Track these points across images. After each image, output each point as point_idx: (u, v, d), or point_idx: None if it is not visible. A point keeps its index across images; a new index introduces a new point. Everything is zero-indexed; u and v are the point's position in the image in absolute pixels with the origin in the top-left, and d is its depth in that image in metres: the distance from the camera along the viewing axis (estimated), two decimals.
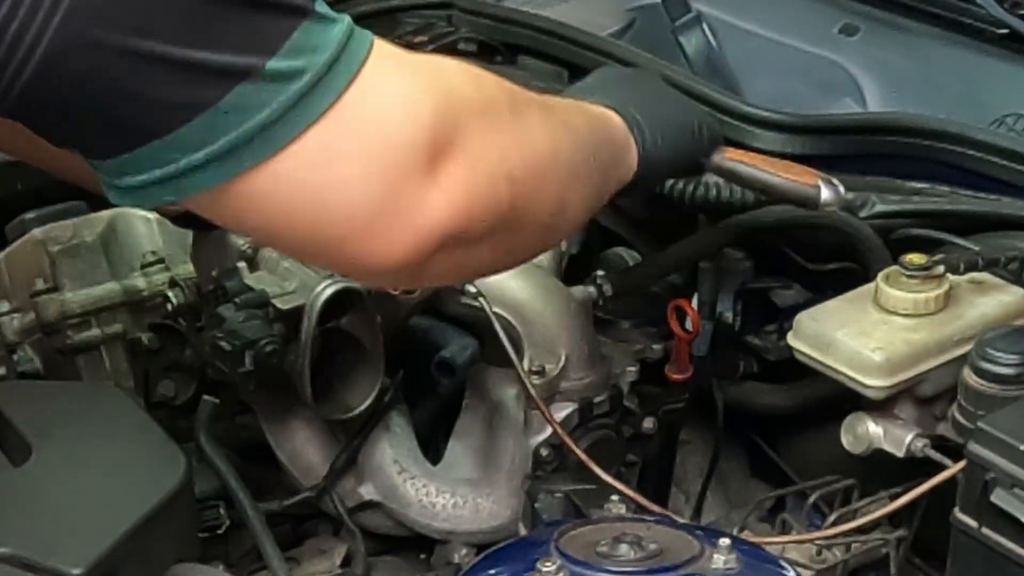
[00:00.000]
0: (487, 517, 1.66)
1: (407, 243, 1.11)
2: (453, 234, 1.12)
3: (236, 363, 1.57)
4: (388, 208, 1.09)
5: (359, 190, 1.08)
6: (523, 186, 1.18)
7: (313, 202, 1.08)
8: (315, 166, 1.07)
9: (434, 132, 1.10)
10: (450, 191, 1.11)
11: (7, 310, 1.80)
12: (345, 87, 1.08)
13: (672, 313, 1.65)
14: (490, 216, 1.16)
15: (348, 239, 1.10)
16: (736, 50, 2.05)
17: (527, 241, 1.27)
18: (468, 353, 1.66)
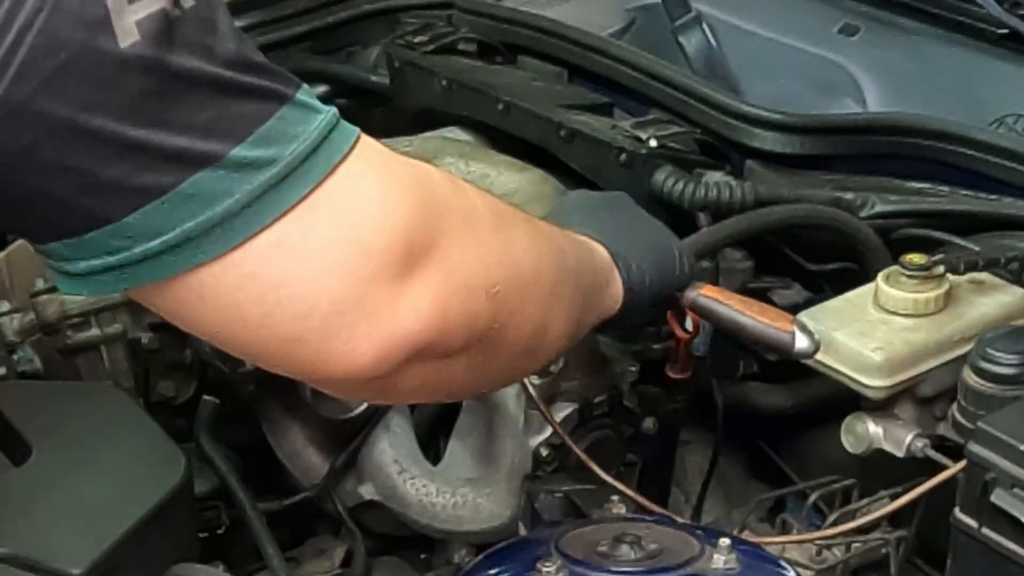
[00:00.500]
0: (487, 517, 1.66)
1: (371, 349, 1.03)
2: (424, 345, 1.06)
3: (236, 363, 1.57)
4: (349, 310, 1.02)
5: (319, 287, 1.01)
6: (504, 302, 1.13)
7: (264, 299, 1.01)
8: (274, 261, 1.00)
9: (410, 238, 1.04)
10: (423, 300, 1.05)
11: (7, 310, 1.80)
12: (319, 182, 1.01)
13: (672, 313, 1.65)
14: (467, 329, 1.09)
15: (303, 340, 1.03)
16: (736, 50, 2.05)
17: (505, 362, 1.20)
18: None
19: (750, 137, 1.76)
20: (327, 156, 1.01)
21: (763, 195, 1.69)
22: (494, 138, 1.94)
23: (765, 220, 1.66)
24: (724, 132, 1.78)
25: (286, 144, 0.99)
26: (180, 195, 0.97)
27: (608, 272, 1.36)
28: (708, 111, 1.80)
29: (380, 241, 1.02)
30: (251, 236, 0.99)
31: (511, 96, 1.89)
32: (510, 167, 1.86)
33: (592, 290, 1.33)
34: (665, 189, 1.72)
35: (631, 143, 1.77)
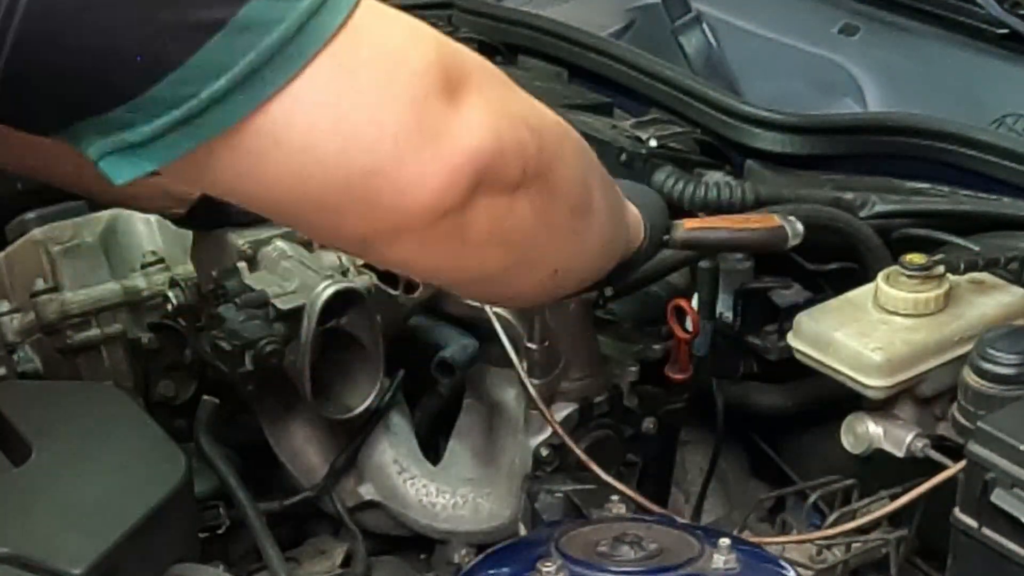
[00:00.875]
0: (487, 517, 1.66)
1: (441, 170, 1.04)
2: (485, 164, 1.06)
3: (236, 363, 1.57)
4: (414, 130, 1.02)
5: (381, 112, 1.01)
6: (545, 140, 1.14)
7: (338, 128, 1.00)
8: (335, 88, 1.00)
9: (442, 66, 1.05)
10: (474, 120, 1.06)
11: (7, 310, 1.80)
12: (353, 7, 1.01)
13: (672, 313, 1.65)
14: (519, 156, 1.10)
15: (380, 170, 1.02)
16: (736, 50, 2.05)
17: (563, 215, 1.20)
18: (468, 353, 1.66)
19: (750, 137, 1.76)
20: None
21: (763, 195, 1.69)
22: None
23: None
24: (724, 132, 1.79)
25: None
26: (236, 26, 0.96)
27: (623, 196, 1.38)
28: (708, 111, 1.80)
29: (421, 63, 1.03)
30: (310, 59, 0.98)
31: None
32: None
33: (617, 198, 1.34)
34: (665, 189, 1.72)
35: (631, 143, 1.77)
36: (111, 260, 1.81)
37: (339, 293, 1.56)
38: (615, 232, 1.34)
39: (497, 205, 1.10)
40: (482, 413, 1.69)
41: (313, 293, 1.57)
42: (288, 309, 1.58)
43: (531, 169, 1.12)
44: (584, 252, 1.31)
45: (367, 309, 1.59)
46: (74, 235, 1.81)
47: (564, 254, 1.28)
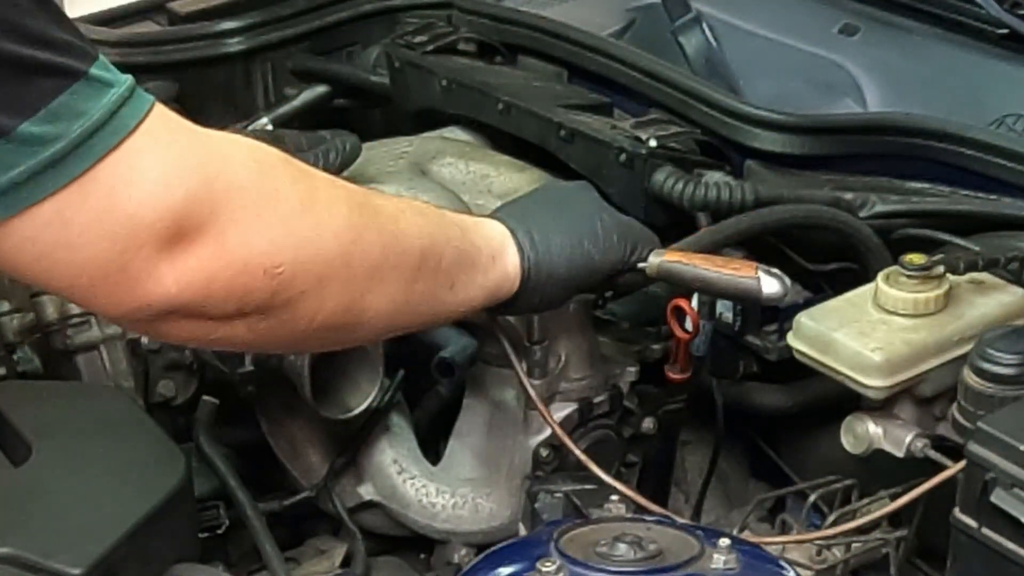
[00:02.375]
0: (487, 517, 1.66)
1: (129, 306, 1.14)
2: (181, 307, 1.15)
3: (236, 363, 1.57)
4: (113, 275, 1.12)
5: (88, 256, 1.10)
6: (291, 281, 1.19)
7: (43, 261, 1.11)
8: (51, 230, 1.09)
9: (181, 214, 1.12)
10: (185, 270, 1.13)
11: (7, 310, 1.79)
12: (100, 158, 1.08)
13: (672, 313, 1.65)
14: (236, 301, 1.17)
15: (75, 294, 1.16)
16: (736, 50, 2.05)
17: (305, 332, 1.25)
18: (468, 353, 1.66)
19: (750, 137, 1.76)
20: (111, 133, 1.09)
21: (763, 195, 1.69)
22: (494, 138, 1.94)
23: (765, 220, 1.66)
24: (724, 132, 1.78)
25: (73, 120, 1.07)
26: None
27: (497, 248, 1.40)
28: (708, 111, 1.80)
29: (149, 216, 1.11)
30: (32, 206, 1.07)
31: (511, 96, 1.89)
32: (510, 167, 1.86)
33: (458, 269, 1.36)
34: (665, 189, 1.72)
35: (631, 143, 1.77)
36: None
37: None
38: (411, 319, 1.36)
39: (197, 326, 1.18)
40: (482, 413, 1.69)
41: None
42: None
43: (253, 307, 1.18)
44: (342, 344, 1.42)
45: None
46: None
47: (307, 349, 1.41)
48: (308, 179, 1.24)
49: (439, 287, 1.35)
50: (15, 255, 1.10)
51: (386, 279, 1.29)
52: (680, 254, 1.52)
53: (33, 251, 1.10)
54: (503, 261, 1.41)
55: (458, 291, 1.37)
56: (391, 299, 1.30)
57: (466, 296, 1.38)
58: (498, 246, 1.41)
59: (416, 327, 1.42)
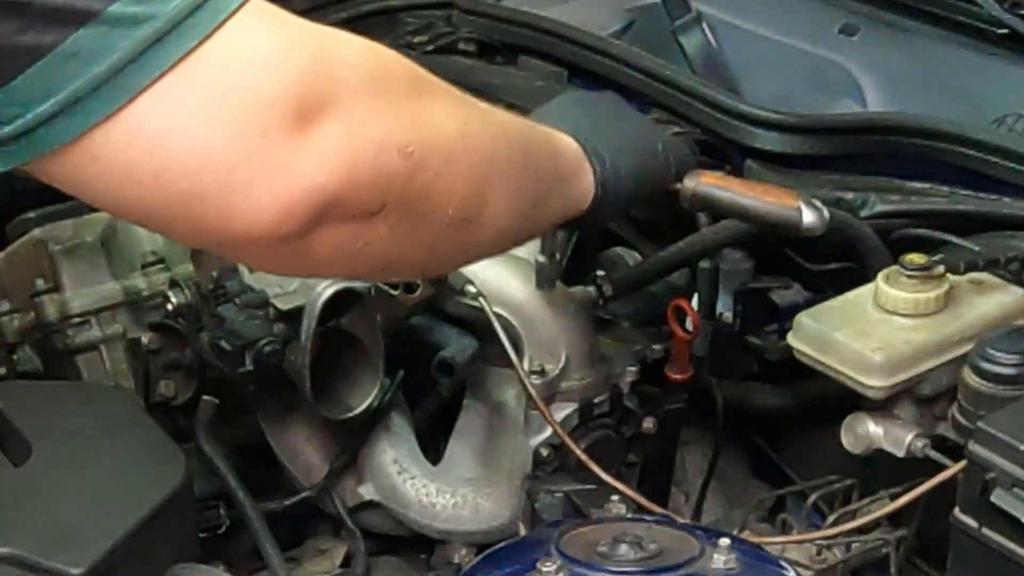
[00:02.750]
0: (487, 517, 1.66)
1: (273, 203, 1.03)
2: (330, 199, 1.05)
3: (236, 363, 1.57)
4: (243, 164, 1.02)
5: (209, 141, 1.01)
6: (424, 162, 1.11)
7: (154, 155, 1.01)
8: (164, 117, 1.01)
9: (301, 90, 1.03)
10: (325, 152, 1.04)
11: (7, 310, 1.80)
12: (206, 36, 1.01)
13: (672, 313, 1.65)
14: (380, 188, 1.08)
15: (200, 196, 1.03)
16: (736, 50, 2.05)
17: (438, 232, 1.18)
18: (468, 353, 1.66)
19: (750, 137, 1.76)
20: (213, 11, 1.01)
21: None
22: None
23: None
24: (724, 132, 1.78)
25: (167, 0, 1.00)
26: (63, 54, 0.98)
27: (576, 163, 1.37)
28: (708, 111, 1.80)
29: (269, 94, 1.02)
30: (138, 92, 0.99)
31: (511, 96, 1.88)
32: None
33: (552, 177, 1.33)
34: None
35: None
36: (111, 260, 1.81)
37: (339, 293, 1.56)
38: (529, 218, 1.32)
39: (345, 232, 1.09)
40: (482, 413, 1.69)
41: (313, 293, 1.57)
42: (288, 309, 1.58)
43: (395, 196, 1.10)
44: (470, 251, 1.32)
45: (367, 309, 1.59)
46: (74, 235, 1.81)
47: (440, 258, 1.28)
48: (415, 66, 1.16)
49: (539, 189, 1.31)
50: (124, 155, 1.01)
51: (499, 169, 1.22)
52: (718, 177, 1.50)
53: (144, 145, 1.01)
54: (580, 177, 1.37)
55: (552, 199, 1.33)
56: (506, 193, 1.23)
57: (556, 206, 1.34)
58: (576, 160, 1.37)
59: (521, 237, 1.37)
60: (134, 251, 1.82)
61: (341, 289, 1.56)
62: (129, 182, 1.03)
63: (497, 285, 1.63)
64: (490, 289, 1.61)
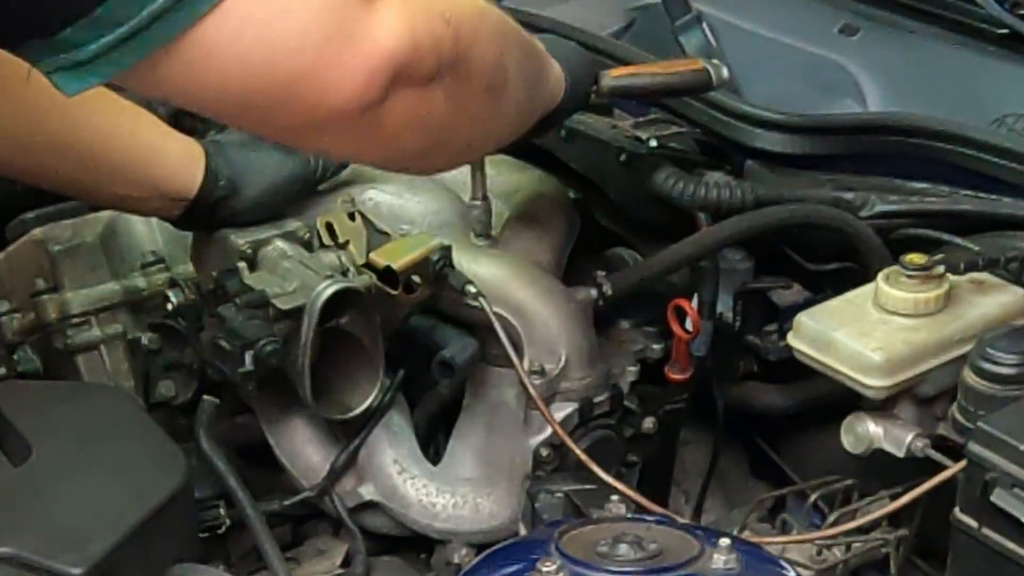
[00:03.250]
0: (487, 517, 1.66)
1: (360, 71, 1.12)
2: (402, 62, 1.14)
3: (236, 363, 1.57)
4: (335, 35, 1.10)
5: (305, 19, 1.09)
6: (460, 30, 1.21)
7: (265, 38, 1.09)
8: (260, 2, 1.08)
9: None
10: (390, 19, 1.13)
11: (7, 310, 1.80)
12: None
13: (672, 313, 1.65)
14: (434, 51, 1.18)
15: (303, 75, 1.11)
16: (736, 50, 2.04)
17: (478, 98, 1.30)
18: (468, 353, 1.66)
19: (750, 137, 1.76)
20: None
21: (763, 195, 1.69)
22: None
23: (765, 220, 1.66)
24: (724, 132, 1.78)
25: None
26: None
27: (546, 57, 1.46)
28: (708, 111, 1.80)
29: None
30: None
31: None
32: (510, 167, 1.86)
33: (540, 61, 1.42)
34: (665, 189, 1.72)
35: (631, 143, 1.77)
36: (111, 260, 1.81)
37: (339, 293, 1.56)
38: (531, 99, 1.42)
39: (413, 97, 1.18)
40: (482, 413, 1.69)
41: (313, 293, 1.57)
42: (288, 309, 1.58)
43: (446, 60, 1.20)
44: (498, 125, 1.43)
45: (367, 309, 1.59)
46: (74, 235, 1.81)
47: (479, 130, 1.39)
48: None
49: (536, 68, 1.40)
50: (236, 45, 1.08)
51: (511, 42, 1.34)
52: (624, 69, 1.64)
53: (253, 32, 1.08)
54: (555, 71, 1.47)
55: (541, 83, 1.43)
56: (517, 66, 1.34)
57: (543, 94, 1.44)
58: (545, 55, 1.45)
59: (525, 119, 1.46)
60: (134, 251, 1.82)
61: (341, 289, 1.56)
62: (240, 72, 1.10)
63: (497, 285, 1.63)
64: (490, 289, 1.61)
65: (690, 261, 1.70)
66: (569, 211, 1.82)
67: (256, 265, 1.67)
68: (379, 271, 1.63)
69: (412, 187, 1.78)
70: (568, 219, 1.81)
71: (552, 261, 1.75)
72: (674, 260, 1.70)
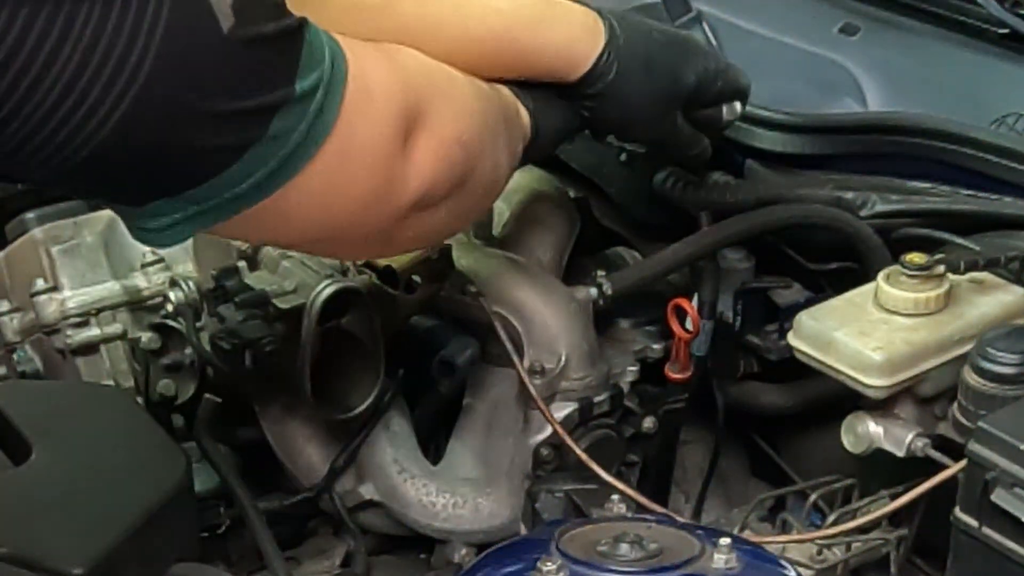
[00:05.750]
0: (487, 517, 1.66)
1: (391, 212, 1.20)
2: (420, 198, 1.21)
3: (236, 363, 1.57)
4: (382, 187, 1.18)
5: (366, 180, 1.16)
6: (470, 148, 1.25)
7: (335, 198, 1.16)
8: (328, 177, 1.13)
9: (406, 110, 1.18)
10: (419, 161, 1.19)
11: (7, 309, 1.80)
12: (344, 87, 1.12)
13: (672, 312, 1.65)
14: (448, 179, 1.23)
15: (353, 223, 1.20)
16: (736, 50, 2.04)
17: (476, 202, 1.35)
18: (468, 353, 1.66)
19: (750, 137, 1.75)
20: (339, 63, 1.12)
21: (763, 195, 1.69)
22: None
23: (765, 220, 1.66)
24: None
25: (320, 63, 1.10)
26: (266, 140, 1.07)
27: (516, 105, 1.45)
28: None
29: (392, 122, 1.17)
30: (313, 156, 1.11)
31: None
32: None
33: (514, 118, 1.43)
34: (666, 189, 1.72)
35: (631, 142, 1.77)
36: (111, 259, 1.81)
37: (339, 292, 1.56)
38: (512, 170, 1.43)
39: (421, 220, 1.24)
40: (482, 413, 1.69)
41: (313, 292, 1.57)
42: (288, 308, 1.58)
43: (456, 184, 1.25)
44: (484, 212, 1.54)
45: (367, 309, 1.59)
46: (74, 234, 1.80)
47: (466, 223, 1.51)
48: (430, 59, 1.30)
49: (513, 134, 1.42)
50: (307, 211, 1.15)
51: (500, 131, 1.36)
52: None
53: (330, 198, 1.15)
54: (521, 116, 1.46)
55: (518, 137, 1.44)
56: (507, 148, 1.37)
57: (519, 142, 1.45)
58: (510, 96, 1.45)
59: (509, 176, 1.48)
60: (134, 250, 1.82)
61: (341, 288, 1.56)
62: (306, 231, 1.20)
63: (497, 285, 1.63)
64: (490, 288, 1.61)
65: (690, 261, 1.70)
66: (569, 210, 1.82)
67: (256, 264, 1.67)
68: (379, 271, 1.63)
69: None
70: (568, 219, 1.81)
71: (552, 261, 1.75)
72: (674, 260, 1.70)
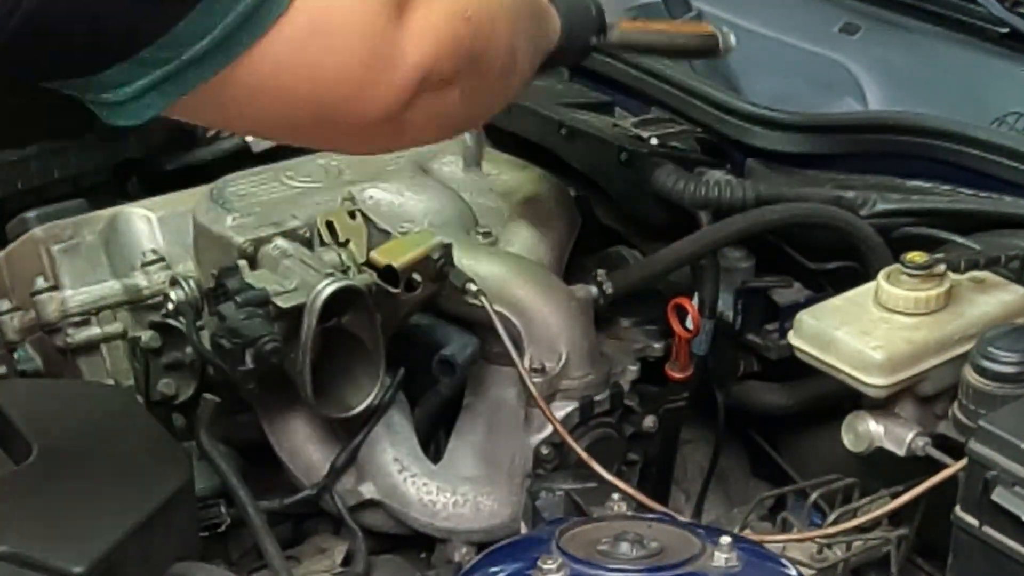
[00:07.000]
0: (488, 516, 1.66)
1: (394, 88, 1.17)
2: (426, 74, 1.18)
3: (236, 361, 1.57)
4: (373, 61, 1.15)
5: (347, 52, 1.13)
6: (479, 26, 1.24)
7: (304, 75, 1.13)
8: (299, 41, 1.10)
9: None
10: (417, 33, 1.17)
11: (7, 309, 1.80)
12: None
13: (673, 312, 1.65)
14: (455, 55, 1.21)
15: (345, 99, 1.16)
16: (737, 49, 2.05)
17: (490, 86, 1.33)
18: (469, 351, 1.66)
19: (751, 136, 1.76)
20: None
21: (764, 194, 1.69)
22: (495, 136, 1.94)
23: (766, 219, 1.66)
24: (725, 131, 1.79)
25: None
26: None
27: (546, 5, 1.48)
28: (709, 110, 1.80)
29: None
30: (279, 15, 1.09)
31: None
32: (511, 166, 1.86)
33: (540, 20, 1.44)
34: (666, 188, 1.72)
35: (632, 142, 1.77)
36: (111, 258, 1.81)
37: (339, 291, 1.56)
38: (536, 58, 1.44)
39: (432, 100, 1.21)
40: (483, 412, 1.69)
41: (313, 291, 1.57)
42: (288, 307, 1.58)
43: (464, 61, 1.23)
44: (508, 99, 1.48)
45: (367, 307, 1.59)
46: (74, 233, 1.81)
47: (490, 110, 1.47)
48: None
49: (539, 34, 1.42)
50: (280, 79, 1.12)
51: (521, 18, 1.35)
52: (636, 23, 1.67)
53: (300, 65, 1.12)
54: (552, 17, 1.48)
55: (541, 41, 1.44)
56: (527, 38, 1.37)
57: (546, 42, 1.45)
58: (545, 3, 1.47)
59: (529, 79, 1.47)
60: (134, 249, 1.82)
61: (341, 287, 1.56)
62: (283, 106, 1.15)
63: (498, 283, 1.63)
64: (491, 287, 1.61)
65: (691, 260, 1.70)
66: (570, 210, 1.82)
67: (257, 263, 1.67)
68: (380, 269, 1.63)
69: (413, 185, 1.78)
70: (569, 218, 1.81)
71: (553, 259, 1.75)
72: (675, 259, 1.70)
